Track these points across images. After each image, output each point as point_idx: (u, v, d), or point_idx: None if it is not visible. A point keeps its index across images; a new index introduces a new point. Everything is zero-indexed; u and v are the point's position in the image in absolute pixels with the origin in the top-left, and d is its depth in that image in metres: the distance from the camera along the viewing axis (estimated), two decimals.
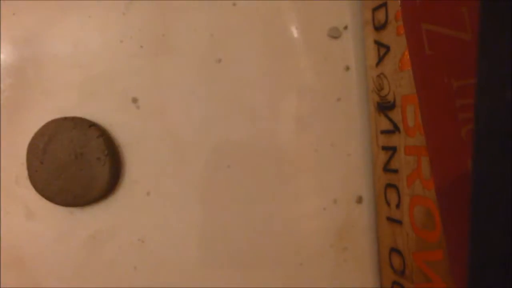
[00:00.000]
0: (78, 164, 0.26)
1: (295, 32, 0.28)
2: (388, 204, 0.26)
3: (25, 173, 0.26)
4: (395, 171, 0.25)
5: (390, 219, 0.26)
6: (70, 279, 0.27)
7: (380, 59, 0.26)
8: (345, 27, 0.28)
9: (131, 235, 0.27)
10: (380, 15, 0.25)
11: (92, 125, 0.26)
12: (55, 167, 0.26)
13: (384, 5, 0.25)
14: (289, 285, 0.28)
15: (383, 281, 0.27)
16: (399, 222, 0.25)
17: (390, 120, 0.25)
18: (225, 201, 0.27)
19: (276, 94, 0.28)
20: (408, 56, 0.23)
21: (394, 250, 0.26)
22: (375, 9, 0.26)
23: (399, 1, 0.23)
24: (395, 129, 0.25)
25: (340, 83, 0.28)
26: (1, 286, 0.27)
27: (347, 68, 0.28)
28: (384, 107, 0.26)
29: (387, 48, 0.25)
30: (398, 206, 0.25)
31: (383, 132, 0.26)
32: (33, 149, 0.26)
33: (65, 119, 0.26)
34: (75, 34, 0.27)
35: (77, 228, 0.27)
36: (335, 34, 0.28)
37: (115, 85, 0.27)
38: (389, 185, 0.26)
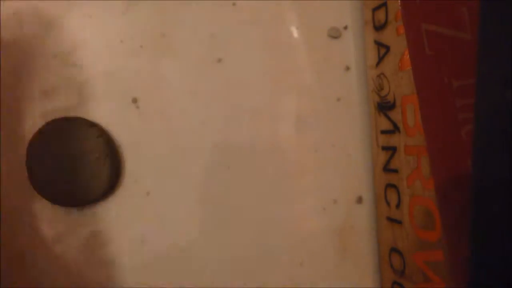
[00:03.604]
0: (78, 164, 0.26)
1: (295, 32, 0.28)
2: (388, 204, 0.26)
3: (25, 173, 0.26)
4: (395, 171, 0.25)
5: (390, 219, 0.26)
6: (70, 279, 0.27)
7: (380, 59, 0.26)
8: (345, 27, 0.28)
9: (131, 235, 0.27)
10: (380, 15, 0.25)
11: (92, 125, 0.26)
12: (55, 167, 0.26)
13: (384, 5, 0.25)
14: (289, 285, 0.28)
15: (383, 281, 0.27)
16: (399, 222, 0.25)
17: (390, 120, 0.25)
18: (225, 201, 0.27)
19: (276, 94, 0.28)
20: (408, 56, 0.23)
21: (394, 250, 0.26)
22: (375, 9, 0.26)
23: (399, 1, 0.23)
24: (395, 129, 0.25)
25: (340, 83, 0.28)
26: (1, 286, 0.27)
27: (347, 68, 0.28)
28: (384, 107, 0.26)
29: (387, 48, 0.25)
30: (398, 206, 0.25)
31: (383, 132, 0.26)
32: (33, 149, 0.26)
33: (65, 119, 0.26)
34: (75, 34, 0.27)
35: (77, 228, 0.27)
36: (335, 34, 0.28)
37: (115, 85, 0.27)
38: (389, 185, 0.26)
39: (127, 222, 0.27)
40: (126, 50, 0.27)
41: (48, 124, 0.26)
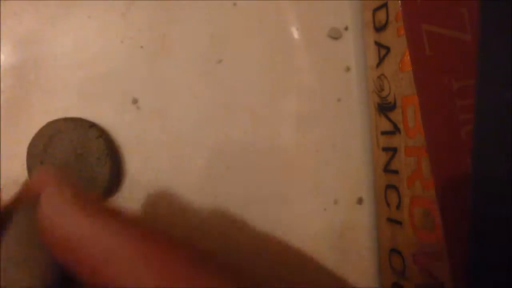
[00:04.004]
0: (78, 165, 0.26)
1: (295, 33, 0.28)
2: (388, 205, 0.26)
3: (25, 173, 0.26)
4: (395, 172, 0.25)
5: (390, 220, 0.26)
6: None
7: (381, 60, 0.26)
8: (346, 28, 0.28)
9: None
10: (381, 16, 0.25)
11: (92, 125, 0.26)
12: (55, 167, 0.26)
13: (385, 5, 0.25)
14: (289, 285, 0.28)
15: (383, 281, 0.27)
16: (399, 222, 0.25)
17: (391, 121, 0.25)
18: (225, 202, 0.27)
19: (276, 95, 0.28)
20: (409, 57, 0.23)
21: (394, 250, 0.26)
22: (375, 10, 0.26)
23: (399, 2, 0.23)
24: (396, 130, 0.25)
25: (340, 84, 0.28)
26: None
27: (348, 69, 0.28)
28: (385, 108, 0.26)
29: (388, 49, 0.25)
30: (398, 207, 0.25)
31: (383, 133, 0.26)
32: (33, 149, 0.26)
33: (65, 119, 0.26)
34: (76, 35, 0.27)
35: None
36: (335, 35, 0.28)
37: (116, 86, 0.27)
38: (389, 186, 0.26)
39: None
40: (126, 51, 0.27)
41: (48, 124, 0.26)
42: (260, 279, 0.28)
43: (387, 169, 0.26)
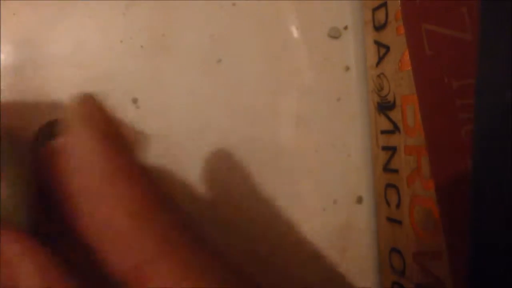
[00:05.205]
0: None
1: (295, 32, 0.28)
2: (388, 204, 0.26)
3: None
4: (395, 171, 0.25)
5: (390, 219, 0.26)
6: None
7: (380, 59, 0.26)
8: (345, 27, 0.28)
9: None
10: (380, 15, 0.25)
11: None
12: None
13: (384, 5, 0.25)
14: (289, 286, 0.28)
15: (383, 281, 0.27)
16: (399, 222, 0.25)
17: (390, 120, 0.25)
18: (224, 203, 0.27)
19: (276, 94, 0.28)
20: (408, 56, 0.23)
21: (394, 250, 0.26)
22: (375, 9, 0.26)
23: (399, 1, 0.23)
24: (395, 129, 0.25)
25: (340, 83, 0.28)
26: None
27: (347, 68, 0.28)
28: (384, 107, 0.26)
29: (387, 48, 0.25)
30: (398, 206, 0.25)
31: (383, 132, 0.26)
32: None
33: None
34: (75, 34, 0.27)
35: None
36: (335, 34, 0.28)
37: (115, 86, 0.27)
38: (389, 185, 0.26)
39: None
40: (126, 51, 0.27)
41: (48, 124, 0.26)
42: (258, 279, 0.28)
43: (387, 168, 0.26)
